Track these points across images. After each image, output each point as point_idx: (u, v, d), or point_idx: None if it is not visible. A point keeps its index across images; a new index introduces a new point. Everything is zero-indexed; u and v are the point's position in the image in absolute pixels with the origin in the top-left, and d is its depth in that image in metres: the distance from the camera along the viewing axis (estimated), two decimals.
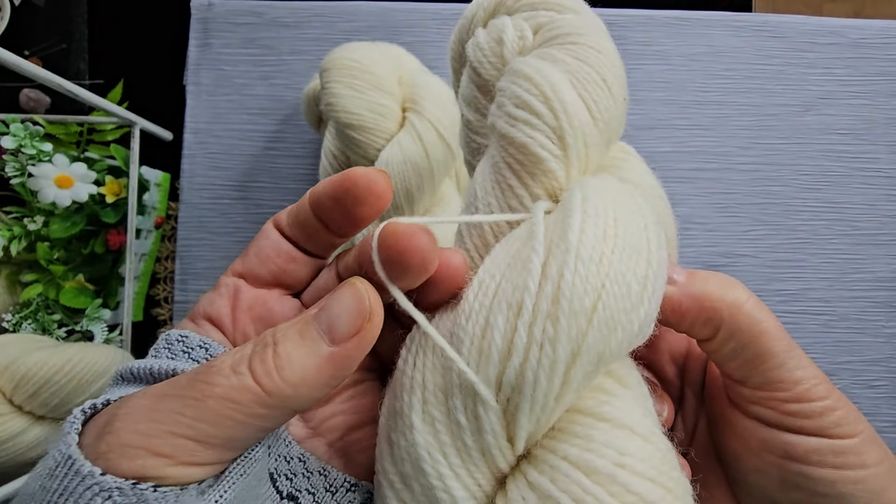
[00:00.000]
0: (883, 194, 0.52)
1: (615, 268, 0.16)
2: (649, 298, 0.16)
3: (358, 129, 0.37)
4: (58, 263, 0.49)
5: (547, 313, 0.15)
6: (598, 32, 0.22)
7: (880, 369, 0.51)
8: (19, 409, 0.41)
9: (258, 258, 0.20)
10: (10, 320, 0.48)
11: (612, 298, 0.15)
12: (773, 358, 0.17)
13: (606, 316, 0.15)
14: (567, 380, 0.15)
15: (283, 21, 0.53)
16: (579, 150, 0.20)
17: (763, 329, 0.18)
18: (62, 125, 0.51)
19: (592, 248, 0.16)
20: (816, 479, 0.17)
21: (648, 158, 0.54)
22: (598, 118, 0.20)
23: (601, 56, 0.21)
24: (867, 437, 0.17)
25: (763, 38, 0.53)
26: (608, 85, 0.21)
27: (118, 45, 0.59)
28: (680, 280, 0.19)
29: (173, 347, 0.18)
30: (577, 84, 0.20)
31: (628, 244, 0.16)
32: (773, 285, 0.52)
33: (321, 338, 0.16)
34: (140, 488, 0.13)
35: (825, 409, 0.17)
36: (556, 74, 0.20)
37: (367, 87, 0.37)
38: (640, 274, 0.16)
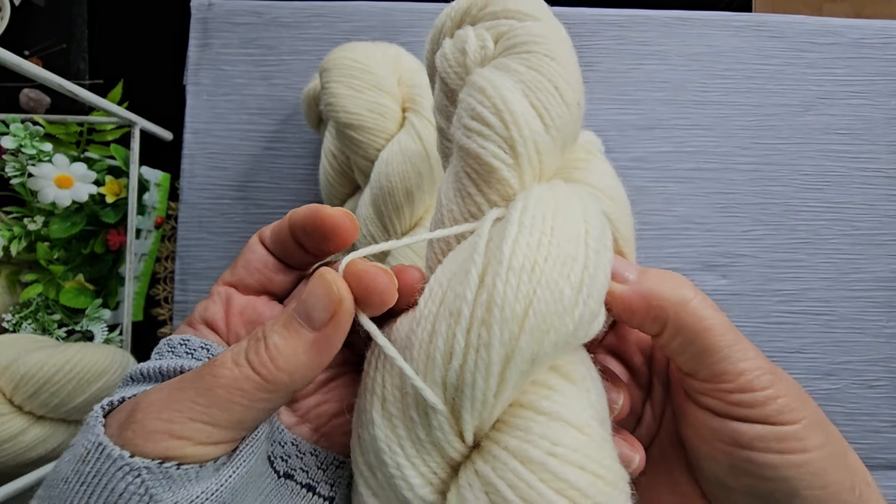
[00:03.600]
0: (882, 194, 0.52)
1: (547, 276, 0.17)
2: (584, 301, 0.17)
3: (358, 129, 0.37)
4: (58, 263, 0.49)
5: (481, 320, 0.17)
6: (554, 40, 0.23)
7: (880, 369, 0.51)
8: (19, 409, 0.41)
9: (246, 270, 0.22)
10: (10, 320, 0.48)
11: (543, 304, 0.17)
12: (717, 352, 0.19)
13: (538, 321, 0.17)
14: (503, 379, 0.17)
15: (283, 21, 0.53)
16: (531, 157, 0.21)
17: (706, 326, 0.19)
18: (62, 125, 0.51)
19: (525, 257, 0.17)
20: (762, 464, 0.18)
21: (648, 158, 0.55)
22: (551, 125, 0.21)
23: (554, 63, 0.22)
24: (810, 423, 0.18)
25: (763, 38, 0.53)
26: (560, 92, 0.22)
27: (118, 45, 0.59)
28: (631, 279, 0.20)
29: (176, 350, 0.20)
30: (530, 93, 0.21)
31: (563, 251, 0.18)
32: (773, 285, 0.52)
33: (303, 326, 0.18)
34: (165, 467, 0.16)
35: (767, 399, 0.18)
36: (508, 85, 0.21)
37: (367, 87, 0.37)
38: (575, 279, 0.17)
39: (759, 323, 0.51)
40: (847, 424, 0.51)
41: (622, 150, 0.52)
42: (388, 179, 0.36)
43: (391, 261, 0.37)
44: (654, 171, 0.52)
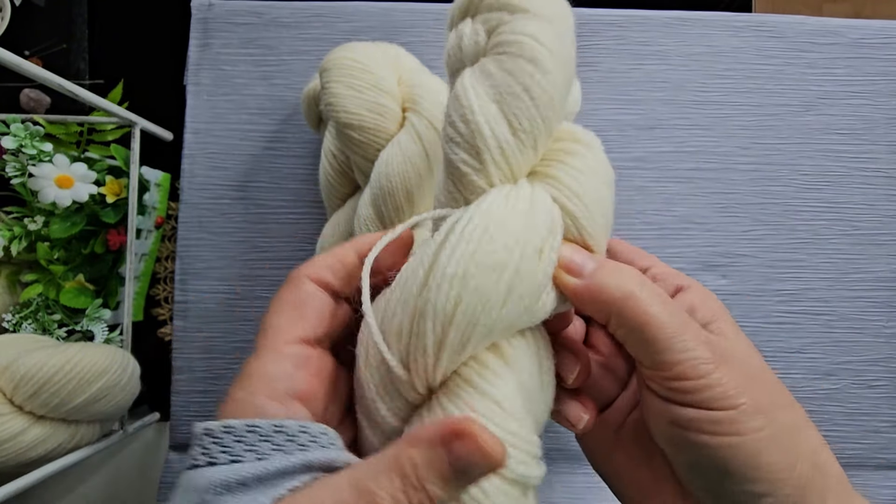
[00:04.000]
0: (883, 194, 0.52)
1: (476, 282, 0.20)
2: (514, 301, 0.21)
3: (358, 129, 0.37)
4: (58, 263, 0.49)
5: (421, 313, 0.21)
6: (542, 37, 0.23)
7: (880, 369, 0.51)
8: (20, 409, 0.41)
9: (319, 321, 0.23)
10: (11, 320, 0.48)
11: (470, 307, 0.20)
12: (656, 344, 0.21)
13: (465, 318, 0.20)
14: (437, 359, 0.21)
15: (283, 21, 0.53)
16: (498, 162, 0.23)
17: (646, 320, 0.21)
18: (62, 125, 0.51)
19: (458, 265, 0.20)
20: (697, 443, 0.20)
21: (648, 158, 0.55)
22: (519, 128, 0.22)
23: (529, 66, 0.23)
24: (748, 409, 0.20)
25: (763, 38, 0.53)
26: (532, 96, 0.22)
27: (118, 46, 0.59)
28: (586, 272, 0.22)
29: (274, 439, 0.19)
30: (501, 100, 0.22)
31: (494, 259, 0.20)
32: (773, 285, 0.52)
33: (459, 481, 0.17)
34: None
35: (703, 387, 0.20)
36: (479, 92, 0.23)
37: (367, 87, 0.37)
38: (503, 285, 0.20)
39: (759, 323, 0.51)
40: (847, 424, 0.51)
41: (622, 150, 0.52)
42: (388, 179, 0.36)
43: None
44: (653, 171, 0.52)
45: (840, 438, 0.51)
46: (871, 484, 0.51)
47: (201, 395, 0.51)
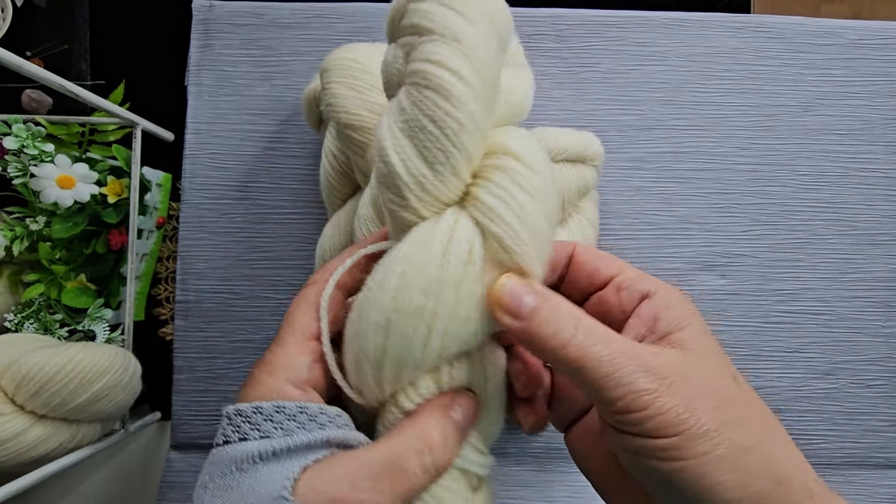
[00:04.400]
0: (881, 194, 0.52)
1: (397, 329, 0.22)
2: (438, 339, 0.22)
3: (358, 130, 0.37)
4: (59, 263, 0.49)
5: (356, 356, 0.23)
6: (446, 63, 0.22)
7: (878, 369, 0.51)
8: (21, 409, 0.41)
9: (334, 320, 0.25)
10: (13, 320, 0.48)
11: (395, 351, 0.22)
12: (595, 384, 0.21)
13: (394, 360, 0.22)
14: (381, 389, 0.23)
15: (284, 22, 0.53)
16: (420, 197, 0.22)
17: (581, 364, 0.21)
18: (64, 126, 0.51)
19: (379, 314, 0.22)
20: (650, 468, 0.21)
21: (647, 158, 0.55)
22: (435, 161, 0.22)
23: (434, 96, 0.21)
24: (692, 434, 0.20)
25: (761, 38, 0.53)
26: (440, 127, 0.21)
27: (120, 47, 0.59)
28: (523, 314, 0.22)
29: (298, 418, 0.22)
30: (413, 135, 0.22)
31: (412, 306, 0.22)
32: (771, 285, 0.52)
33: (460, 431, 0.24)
34: None
35: (644, 419, 0.20)
36: (394, 131, 0.22)
37: (367, 88, 0.37)
38: (423, 329, 0.22)
39: (757, 323, 0.52)
40: (845, 424, 0.51)
41: (621, 151, 0.52)
42: None
43: None
44: (652, 172, 0.52)
45: (839, 437, 0.51)
46: (870, 483, 0.51)
47: (202, 394, 0.51)
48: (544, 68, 0.53)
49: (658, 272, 0.52)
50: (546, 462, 0.52)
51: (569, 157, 0.45)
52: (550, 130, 0.47)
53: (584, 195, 0.47)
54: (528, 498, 0.51)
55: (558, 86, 0.53)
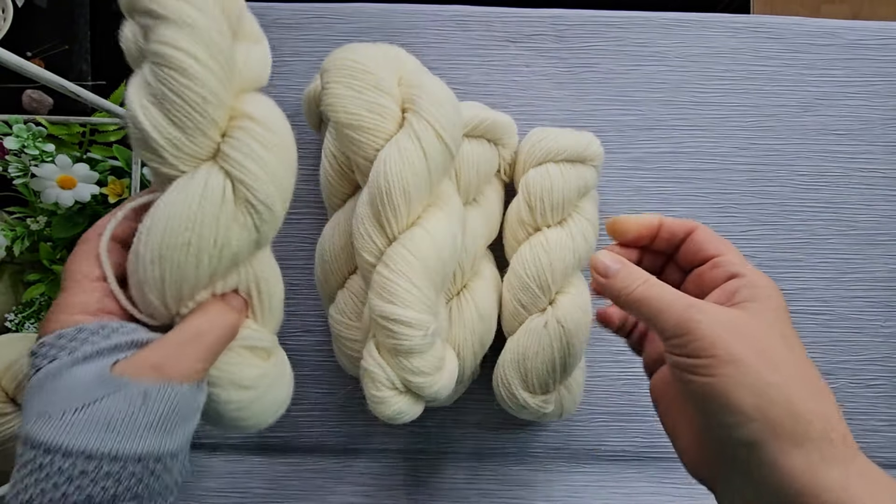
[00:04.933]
0: (880, 194, 0.52)
1: (169, 260, 0.27)
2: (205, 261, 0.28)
3: (357, 130, 0.37)
4: (60, 263, 0.49)
5: (140, 286, 0.28)
6: (184, 45, 0.26)
7: (878, 368, 0.52)
8: (22, 409, 0.41)
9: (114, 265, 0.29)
10: (13, 320, 0.48)
11: (172, 276, 0.27)
12: (652, 317, 0.28)
13: (173, 283, 0.27)
14: (168, 310, 0.28)
15: (284, 22, 0.53)
16: (175, 155, 0.27)
17: (641, 304, 0.29)
18: (65, 126, 0.52)
19: (153, 251, 0.27)
20: (686, 382, 0.26)
21: (646, 159, 0.55)
22: (183, 125, 0.27)
23: (176, 75, 0.26)
24: (723, 358, 0.25)
25: (761, 39, 0.53)
26: (184, 99, 0.26)
27: (120, 47, 0.59)
28: (610, 273, 0.30)
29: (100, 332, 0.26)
30: (160, 105, 0.26)
31: (178, 240, 0.27)
32: None
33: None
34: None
35: (687, 341, 0.26)
36: (143, 102, 0.27)
37: (367, 88, 0.37)
38: (192, 256, 0.27)
39: None
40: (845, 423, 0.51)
41: (621, 151, 0.52)
42: (385, 179, 0.36)
43: (385, 259, 0.37)
44: (652, 172, 0.52)
45: None
46: None
47: None
48: (544, 68, 0.53)
49: None
50: (546, 462, 0.52)
51: (568, 157, 0.45)
52: (550, 130, 0.47)
53: (584, 195, 0.47)
54: (528, 498, 0.51)
55: (558, 86, 0.53)
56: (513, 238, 0.47)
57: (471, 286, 0.46)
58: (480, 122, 0.44)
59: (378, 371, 0.37)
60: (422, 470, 0.52)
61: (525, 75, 0.53)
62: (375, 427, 0.52)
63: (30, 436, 0.24)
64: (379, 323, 0.36)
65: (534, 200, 0.45)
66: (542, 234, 0.45)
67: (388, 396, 0.38)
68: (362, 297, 0.44)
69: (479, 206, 0.47)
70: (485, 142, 0.46)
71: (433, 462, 0.52)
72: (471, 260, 0.45)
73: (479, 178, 0.46)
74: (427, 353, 0.37)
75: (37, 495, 0.23)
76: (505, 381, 0.45)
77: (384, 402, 0.38)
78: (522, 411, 0.45)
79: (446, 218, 0.39)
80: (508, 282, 0.46)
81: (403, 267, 0.36)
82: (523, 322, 0.45)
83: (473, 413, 0.51)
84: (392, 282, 0.36)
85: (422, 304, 0.36)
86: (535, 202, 0.45)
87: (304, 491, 0.51)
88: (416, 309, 0.36)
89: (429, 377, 0.38)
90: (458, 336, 0.44)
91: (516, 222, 0.47)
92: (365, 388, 0.38)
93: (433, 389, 0.38)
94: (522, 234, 0.47)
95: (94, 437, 0.24)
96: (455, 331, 0.44)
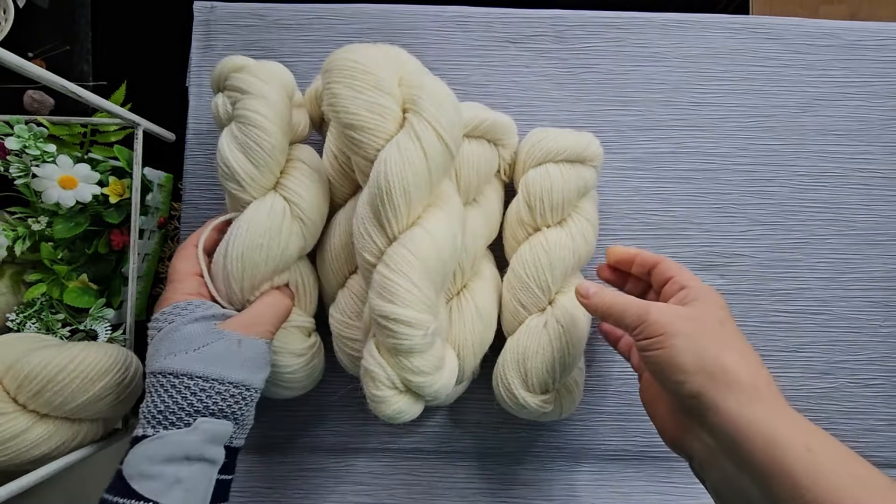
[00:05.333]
0: (879, 195, 0.52)
1: (247, 258, 0.39)
2: (271, 260, 0.41)
3: (358, 130, 0.37)
4: (61, 263, 0.49)
5: (226, 278, 0.40)
6: (261, 110, 0.40)
7: (877, 368, 0.52)
8: (23, 408, 0.41)
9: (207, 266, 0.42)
10: (15, 319, 0.48)
11: (248, 270, 0.40)
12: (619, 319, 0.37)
13: (248, 276, 0.40)
14: (243, 296, 0.41)
15: (285, 23, 0.54)
16: (251, 185, 0.40)
17: (610, 311, 0.37)
18: (66, 126, 0.52)
19: (236, 249, 0.40)
20: (647, 357, 0.34)
21: (646, 159, 0.55)
22: (258, 164, 0.40)
23: (255, 130, 0.40)
24: (670, 334, 0.33)
25: (760, 39, 0.53)
26: (260, 146, 0.40)
27: (121, 47, 0.59)
28: (589, 295, 0.39)
29: (199, 305, 0.39)
30: (244, 150, 0.40)
31: (255, 243, 0.40)
32: (770, 285, 0.52)
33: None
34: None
35: (643, 328, 0.34)
36: (232, 147, 0.40)
37: (368, 88, 0.37)
38: (263, 254, 0.40)
39: (756, 322, 0.52)
40: (844, 423, 0.51)
41: (620, 151, 0.53)
42: (386, 179, 0.36)
43: (385, 259, 0.37)
44: (651, 172, 0.53)
45: (837, 437, 0.50)
46: None
47: None
48: (544, 69, 0.53)
49: None
50: (546, 462, 0.52)
51: (568, 157, 0.45)
52: (550, 131, 0.47)
53: (584, 195, 0.47)
54: (528, 497, 0.51)
55: (557, 86, 0.53)
56: (512, 238, 0.48)
57: (471, 286, 0.46)
58: (481, 123, 0.44)
59: (378, 370, 0.37)
60: (422, 470, 0.52)
61: (525, 76, 0.53)
62: (375, 427, 0.52)
63: (164, 367, 0.35)
64: (379, 322, 0.37)
65: (533, 200, 0.45)
66: (542, 234, 0.46)
67: (389, 396, 0.38)
68: (363, 297, 0.44)
69: (479, 207, 0.47)
70: (485, 142, 0.46)
71: (433, 462, 0.52)
72: (471, 260, 0.45)
73: (479, 179, 0.46)
74: (427, 353, 0.38)
75: (170, 405, 0.34)
76: (505, 381, 0.45)
77: (384, 401, 0.38)
78: (522, 411, 0.45)
79: (446, 218, 0.39)
80: (508, 282, 0.46)
81: (404, 266, 0.36)
82: (523, 322, 0.46)
83: (473, 413, 0.52)
84: (392, 281, 0.36)
85: (422, 303, 0.36)
86: (534, 202, 0.45)
87: (303, 491, 0.51)
88: (416, 308, 0.36)
89: (429, 377, 0.38)
90: (458, 336, 0.44)
91: (516, 222, 0.47)
92: (365, 388, 0.39)
93: (433, 389, 0.38)
94: (522, 234, 0.47)
95: (208, 367, 0.35)
96: (455, 331, 0.44)
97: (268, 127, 0.39)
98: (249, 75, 0.41)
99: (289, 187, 0.41)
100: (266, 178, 0.40)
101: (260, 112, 0.39)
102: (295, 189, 0.41)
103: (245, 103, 0.40)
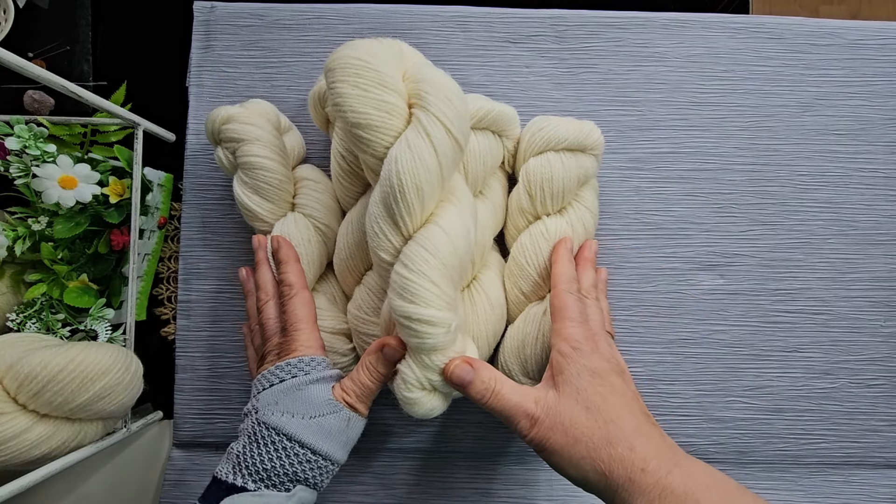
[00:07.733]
0: (880, 194, 0.52)
1: None
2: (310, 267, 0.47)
3: (365, 128, 0.37)
4: (62, 263, 0.49)
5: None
6: (260, 153, 0.45)
7: (877, 368, 0.52)
8: (23, 408, 0.41)
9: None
10: (15, 319, 0.48)
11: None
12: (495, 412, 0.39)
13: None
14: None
15: (285, 23, 0.54)
16: (265, 216, 0.47)
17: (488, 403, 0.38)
18: (66, 126, 0.52)
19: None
20: (529, 442, 0.37)
21: (646, 159, 0.55)
22: (267, 196, 0.46)
23: (259, 172, 0.45)
24: (549, 450, 0.36)
25: (760, 39, 0.53)
26: (268, 183, 0.46)
27: (121, 48, 0.59)
28: (466, 381, 0.38)
29: (319, 364, 0.41)
30: (255, 191, 0.46)
31: None
32: (771, 285, 0.52)
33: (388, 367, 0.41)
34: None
35: (521, 421, 0.37)
36: (245, 191, 0.46)
37: (373, 86, 0.36)
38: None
39: (756, 322, 0.52)
40: (845, 423, 0.51)
41: (620, 151, 0.53)
42: (398, 178, 0.36)
43: (403, 259, 0.37)
44: (651, 172, 0.52)
45: (838, 437, 0.51)
46: (870, 482, 0.51)
47: (204, 393, 0.51)
48: (544, 69, 0.53)
49: (657, 272, 0.52)
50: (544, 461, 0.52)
51: (569, 145, 0.45)
52: (551, 119, 0.46)
53: (584, 184, 0.47)
54: (528, 497, 0.51)
55: (557, 86, 0.53)
56: (513, 226, 0.48)
57: (480, 277, 0.46)
58: (486, 114, 0.44)
59: (408, 372, 0.38)
60: (422, 469, 0.52)
61: (525, 76, 0.53)
62: (375, 426, 0.52)
63: (280, 425, 0.37)
64: (402, 323, 0.36)
65: (534, 189, 0.45)
66: (542, 222, 0.46)
67: (420, 397, 0.38)
68: (378, 293, 0.44)
69: (486, 199, 0.47)
70: (490, 134, 0.46)
71: (433, 461, 0.52)
72: (481, 252, 0.45)
73: (486, 171, 0.46)
74: (449, 350, 0.38)
75: (276, 467, 0.36)
76: (506, 368, 0.45)
77: (417, 402, 0.38)
78: None
79: (459, 213, 0.38)
80: (509, 270, 0.46)
81: (422, 266, 0.36)
82: (524, 310, 0.46)
83: (473, 412, 0.51)
84: (412, 282, 0.36)
85: (442, 301, 0.36)
86: (535, 191, 0.45)
87: None
88: (437, 307, 0.36)
89: None
90: (472, 328, 0.44)
91: (516, 210, 0.47)
92: (396, 391, 0.39)
93: None
94: (522, 223, 0.47)
95: (319, 439, 0.37)
96: (470, 323, 0.44)
97: (270, 165, 0.45)
98: (239, 124, 0.45)
99: (303, 204, 0.47)
100: (281, 207, 0.47)
101: (259, 154, 0.45)
102: (309, 204, 0.47)
103: (244, 150, 0.45)
